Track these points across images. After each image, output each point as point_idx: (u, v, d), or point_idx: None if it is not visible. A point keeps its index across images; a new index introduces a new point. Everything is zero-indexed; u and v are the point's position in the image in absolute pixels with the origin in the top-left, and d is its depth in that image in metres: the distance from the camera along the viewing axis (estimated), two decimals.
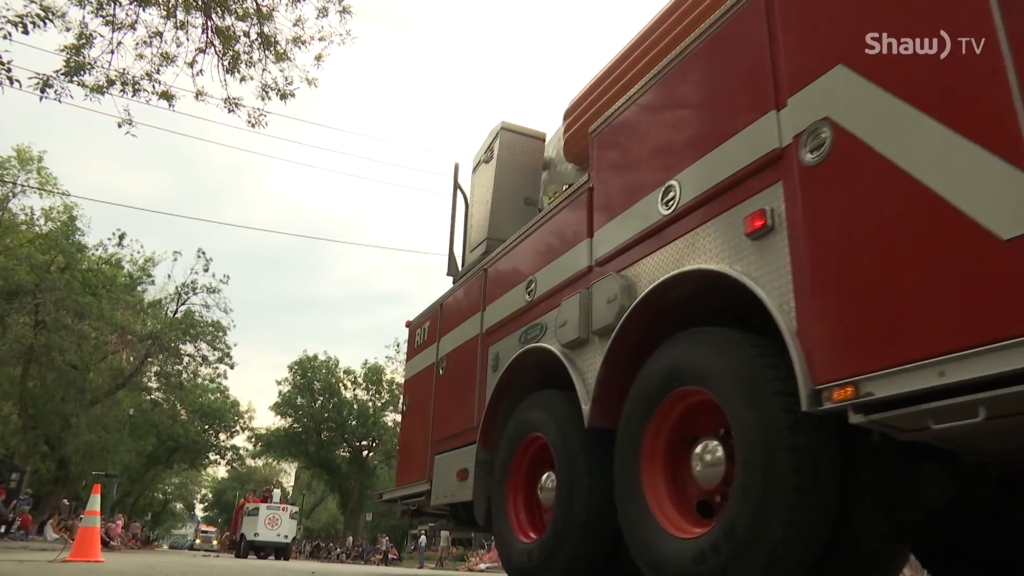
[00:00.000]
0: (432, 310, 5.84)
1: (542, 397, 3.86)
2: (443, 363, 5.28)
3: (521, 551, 3.75)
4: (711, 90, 2.88)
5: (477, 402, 4.50)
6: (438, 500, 4.81)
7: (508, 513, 3.97)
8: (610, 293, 3.22)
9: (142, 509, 57.23)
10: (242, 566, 10.78)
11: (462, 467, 4.49)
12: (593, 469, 3.29)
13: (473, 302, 4.95)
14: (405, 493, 5.55)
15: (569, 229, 3.81)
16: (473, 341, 4.79)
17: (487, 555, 27.66)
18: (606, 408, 3.20)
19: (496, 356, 4.40)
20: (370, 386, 46.33)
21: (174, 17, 8.35)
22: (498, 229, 5.23)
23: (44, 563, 6.77)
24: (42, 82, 7.77)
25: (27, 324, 21.69)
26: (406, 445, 6.01)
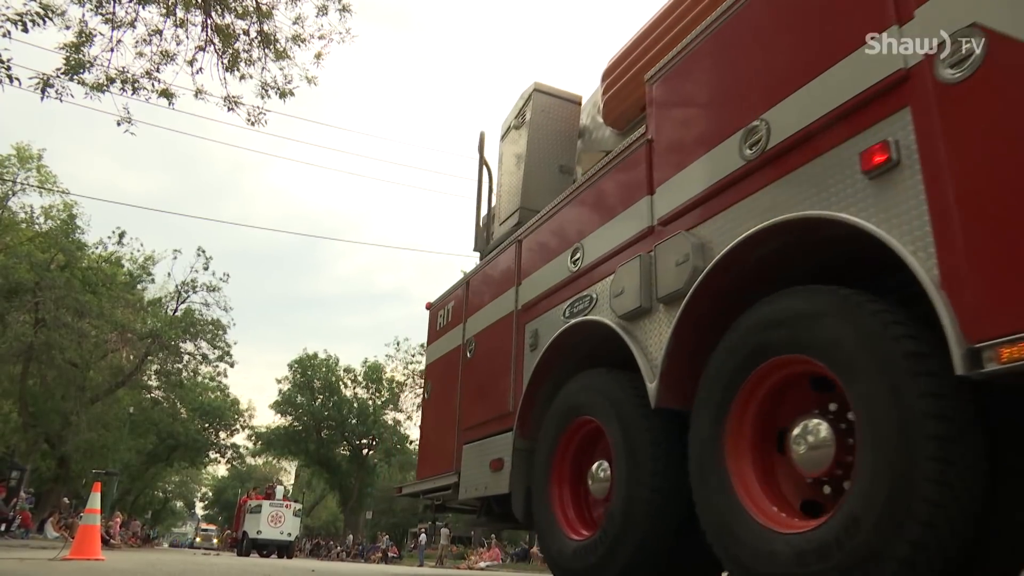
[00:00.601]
0: (456, 289, 5.43)
1: (592, 377, 3.46)
2: (471, 345, 4.88)
3: (572, 550, 3.36)
4: (808, 10, 2.49)
5: (513, 385, 4.12)
6: (468, 494, 4.44)
7: (553, 507, 3.58)
8: (679, 254, 2.85)
9: (142, 507, 57.28)
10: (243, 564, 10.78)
11: (496, 457, 4.11)
12: (658, 456, 2.94)
13: (506, 277, 4.53)
14: (429, 487, 5.16)
15: (623, 188, 3.42)
16: (507, 319, 4.38)
17: (487, 553, 27.67)
18: (676, 385, 2.85)
19: (535, 334, 4.00)
20: (370, 384, 46.34)
21: (174, 15, 8.33)
22: (532, 198, 4.84)
23: (44, 561, 6.75)
24: (43, 82, 7.77)
25: (27, 322, 21.65)
26: (429, 435, 5.61)
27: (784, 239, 2.46)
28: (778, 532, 2.23)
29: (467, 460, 4.53)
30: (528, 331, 4.11)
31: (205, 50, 8.53)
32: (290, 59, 8.79)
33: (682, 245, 2.86)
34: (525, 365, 4.04)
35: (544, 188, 4.86)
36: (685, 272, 2.80)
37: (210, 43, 8.50)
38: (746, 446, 2.49)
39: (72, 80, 7.96)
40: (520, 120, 5.19)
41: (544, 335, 3.90)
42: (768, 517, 2.33)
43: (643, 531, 2.94)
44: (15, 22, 7.20)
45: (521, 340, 4.18)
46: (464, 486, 4.50)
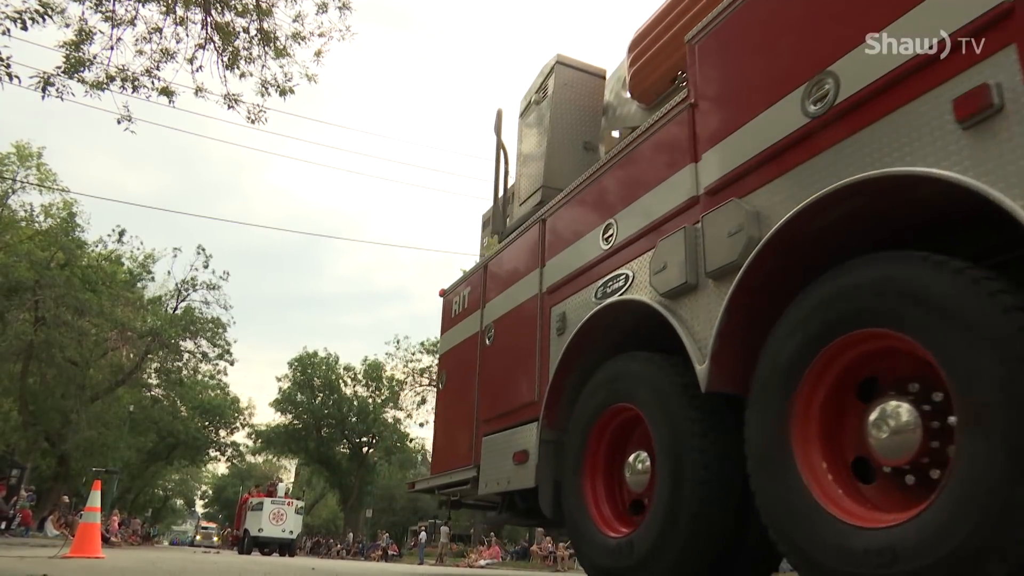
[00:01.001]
0: (473, 273, 5.19)
1: (629, 361, 3.22)
2: (490, 331, 4.63)
3: (609, 548, 3.09)
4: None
5: (538, 372, 3.88)
6: (489, 488, 4.19)
7: (585, 502, 3.33)
8: (732, 224, 2.61)
9: (142, 505, 57.34)
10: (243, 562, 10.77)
11: (520, 449, 3.87)
12: (706, 445, 2.71)
13: (529, 258, 4.28)
14: (445, 481, 4.89)
15: (663, 157, 3.18)
16: (531, 303, 4.14)
17: (487, 551, 27.69)
18: (728, 367, 2.61)
19: (562, 317, 3.76)
20: (370, 383, 46.35)
21: (174, 13, 8.29)
22: (555, 176, 4.59)
23: (44, 559, 6.74)
24: (43, 81, 7.75)
25: (27, 320, 21.65)
26: (444, 427, 5.32)
27: (858, 202, 2.21)
28: (858, 527, 2.01)
29: (487, 453, 4.28)
30: (554, 315, 3.85)
31: (205, 48, 8.51)
32: (290, 57, 8.78)
33: (734, 214, 2.61)
34: (551, 351, 3.79)
35: (568, 166, 4.59)
36: (739, 243, 2.56)
37: (210, 41, 8.48)
38: (815, 432, 2.25)
39: (72, 78, 7.95)
40: (542, 95, 4.93)
41: (573, 318, 3.64)
42: (844, 510, 2.10)
43: (690, 527, 2.69)
44: (14, 20, 7.18)
45: (547, 324, 3.92)
46: (484, 480, 4.25)
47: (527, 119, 5.16)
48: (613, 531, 3.19)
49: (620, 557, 2.99)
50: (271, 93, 8.83)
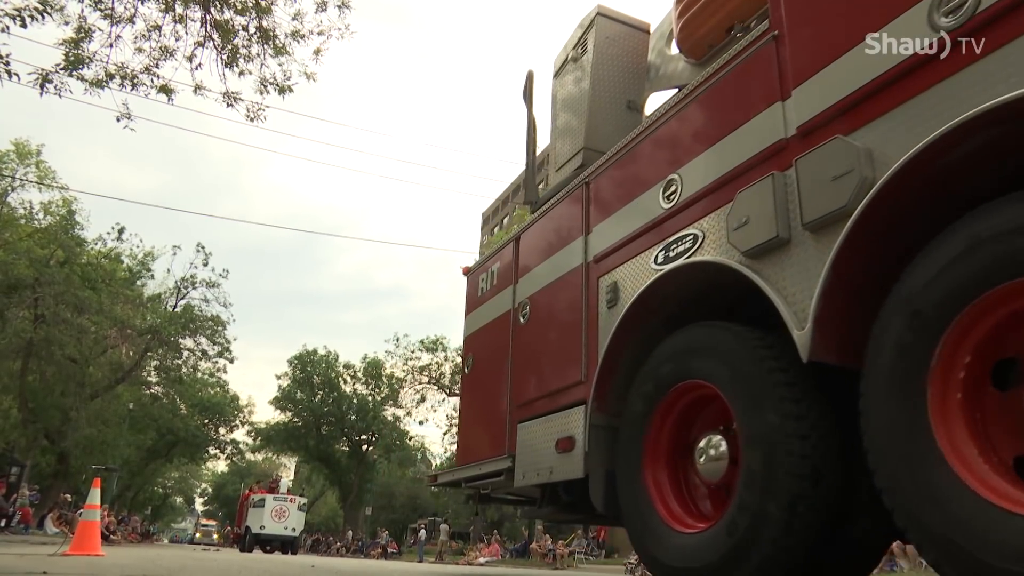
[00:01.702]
0: (503, 248, 4.82)
1: (703, 332, 2.84)
2: (524, 308, 4.25)
3: (681, 546, 2.73)
4: None
5: (585, 350, 3.52)
6: (527, 480, 3.82)
7: (648, 494, 2.95)
8: (837, 165, 2.26)
9: (142, 503, 57.39)
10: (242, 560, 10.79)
11: (564, 436, 3.51)
12: (805, 428, 2.35)
13: (570, 226, 3.91)
14: (473, 474, 4.49)
15: (740, 99, 2.80)
16: (574, 274, 3.77)
17: (487, 549, 27.72)
18: (836, 332, 2.28)
19: (613, 288, 3.38)
20: (369, 380, 46.37)
21: (173, 11, 8.32)
22: (597, 137, 4.23)
23: (44, 557, 6.75)
24: (42, 77, 7.76)
25: (26, 318, 21.64)
26: (472, 414, 4.96)
27: (993, 132, 1.89)
28: (1012, 512, 1.70)
29: (524, 441, 3.90)
30: (603, 286, 3.47)
31: (204, 46, 8.51)
32: (289, 55, 8.79)
33: (841, 154, 2.26)
34: (600, 326, 3.42)
35: (611, 126, 4.24)
36: (848, 186, 2.20)
37: (209, 39, 8.48)
38: (956, 404, 1.91)
39: (71, 76, 7.95)
40: (580, 50, 4.55)
41: (627, 288, 3.28)
42: (998, 493, 1.79)
43: (784, 521, 2.33)
44: (13, 17, 7.18)
45: (594, 297, 3.54)
46: (521, 471, 3.87)
47: (563, 79, 4.78)
48: (684, 527, 2.80)
49: (696, 556, 2.62)
50: (270, 91, 8.85)
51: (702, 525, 2.74)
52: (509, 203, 69.54)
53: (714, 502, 2.85)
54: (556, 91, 4.91)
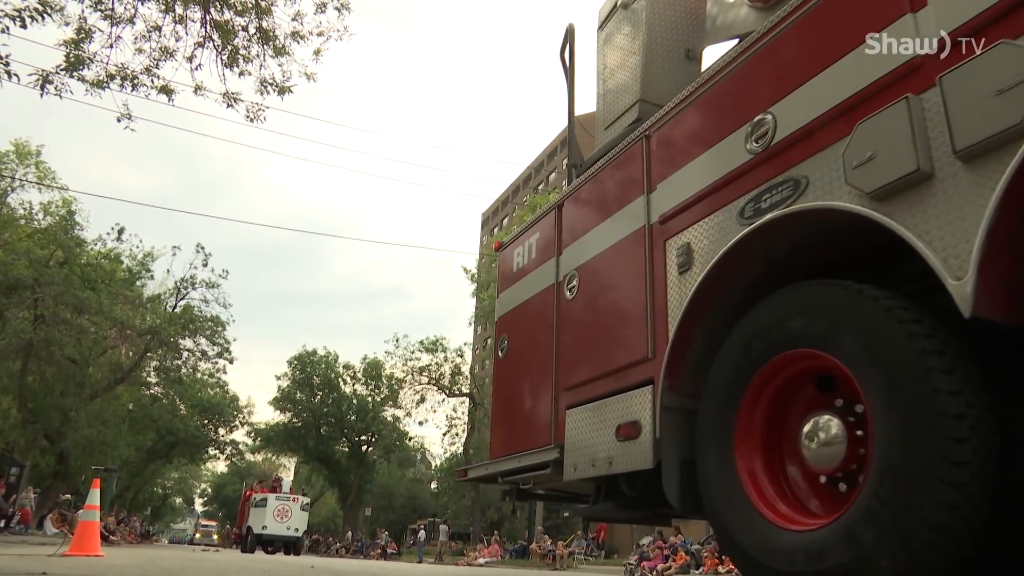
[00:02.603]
0: (543, 217, 4.40)
1: (812, 293, 2.40)
2: (572, 281, 3.85)
3: (791, 546, 2.29)
4: None
5: (650, 323, 3.13)
6: (580, 472, 3.41)
7: (742, 485, 2.54)
8: (1003, 77, 1.87)
9: (142, 503, 57.39)
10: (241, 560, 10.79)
11: (627, 420, 3.12)
12: (960, 405, 1.95)
13: (628, 185, 3.51)
14: (512, 467, 4.06)
15: (854, 17, 2.41)
16: (634, 239, 3.37)
17: (486, 550, 27.73)
18: (1005, 282, 1.91)
19: (685, 250, 2.99)
20: (369, 381, 46.37)
21: (173, 11, 8.32)
22: (654, 88, 3.89)
23: (43, 557, 6.76)
24: (42, 78, 7.76)
25: (26, 318, 21.63)
26: (507, 402, 4.49)
27: None
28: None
29: (575, 429, 3.51)
30: (672, 249, 3.09)
31: (204, 46, 8.52)
32: (289, 55, 8.80)
33: (1008, 62, 1.87)
34: (670, 294, 3.05)
35: (669, 77, 3.92)
36: (1021, 99, 1.82)
37: (209, 39, 8.49)
38: None
39: (72, 77, 7.96)
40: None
41: (703, 249, 2.90)
42: None
43: (933, 523, 1.92)
44: (13, 18, 7.19)
45: (660, 262, 3.16)
46: (572, 463, 3.47)
47: (611, 29, 4.40)
48: (792, 523, 2.38)
49: (812, 558, 2.20)
50: (270, 92, 8.85)
51: (815, 522, 2.32)
52: (509, 203, 69.57)
53: (825, 495, 2.41)
54: (602, 44, 4.49)
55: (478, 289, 35.29)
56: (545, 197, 33.62)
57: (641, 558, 18.13)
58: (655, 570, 16.35)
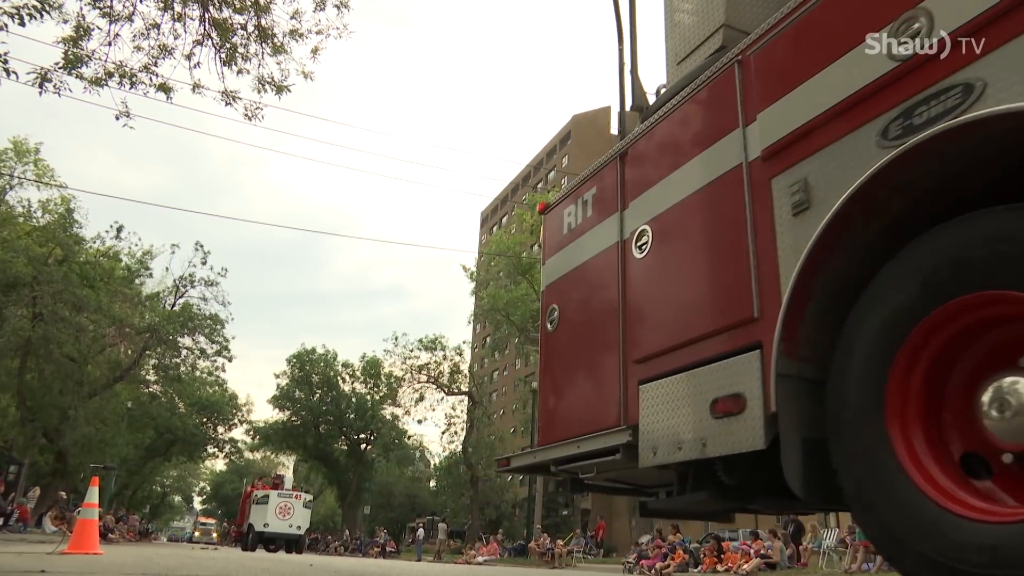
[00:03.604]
0: (600, 170, 3.91)
1: (999, 221, 1.91)
2: (642, 238, 3.37)
3: (983, 542, 1.82)
4: None
5: (755, 276, 2.66)
6: (662, 457, 2.90)
7: (901, 464, 2.08)
8: None
9: (140, 501, 57.42)
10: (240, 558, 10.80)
11: (727, 393, 2.64)
12: None
13: (716, 120, 3.03)
14: (570, 453, 3.54)
15: None
16: (729, 180, 2.87)
17: (485, 548, 27.75)
18: None
19: (802, 187, 2.52)
20: (368, 379, 46.40)
21: (171, 9, 8.31)
22: (739, 12, 3.44)
23: (42, 555, 6.76)
24: (40, 76, 7.75)
25: (25, 316, 21.63)
26: (559, 380, 3.99)
27: None
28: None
29: (653, 406, 3.04)
30: (782, 186, 2.61)
31: (203, 44, 8.50)
32: (287, 54, 8.78)
33: None
34: (782, 241, 2.57)
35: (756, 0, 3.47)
36: None
37: (208, 37, 8.47)
38: None
39: (71, 74, 7.95)
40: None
41: (826, 184, 2.42)
42: None
43: None
44: (12, 16, 7.18)
45: (766, 204, 2.69)
46: (650, 446, 2.97)
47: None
48: (975, 512, 1.92)
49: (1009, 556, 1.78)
50: (268, 91, 8.84)
51: (1011, 511, 1.86)
52: (508, 202, 69.53)
53: (1014, 476, 1.95)
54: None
55: (477, 288, 35.31)
56: (544, 196, 33.63)
57: (640, 556, 18.15)
58: (654, 568, 16.37)
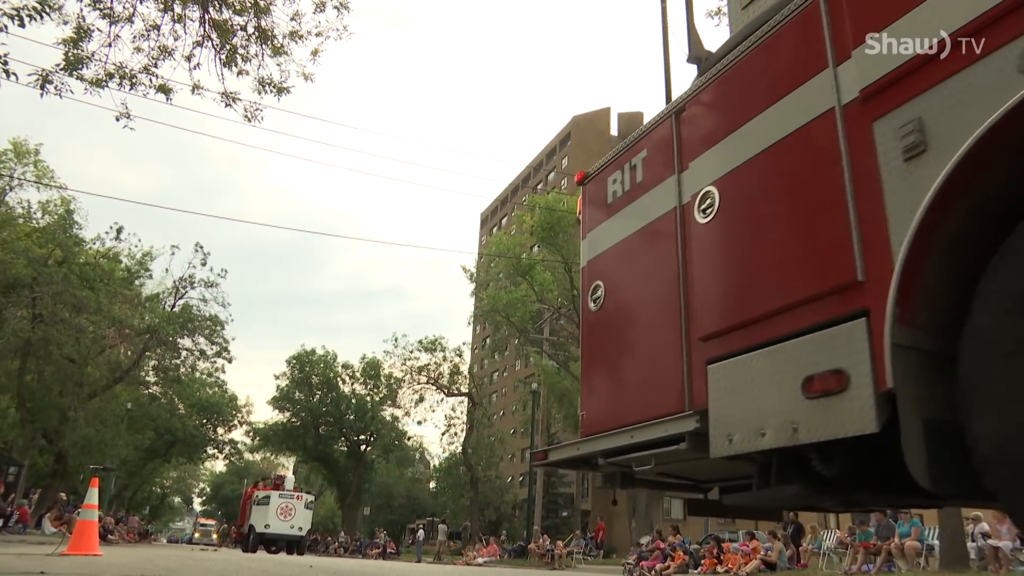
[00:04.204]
0: (651, 130, 3.57)
1: None
2: (707, 200, 3.01)
3: None
4: None
5: (857, 233, 2.34)
6: (741, 445, 2.55)
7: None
8: None
9: (140, 503, 57.40)
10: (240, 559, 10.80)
11: (825, 369, 2.27)
12: None
13: (797, 62, 2.72)
14: (622, 444, 3.18)
15: None
16: (818, 127, 2.53)
17: (485, 549, 27.74)
18: None
19: (916, 127, 2.19)
20: (368, 380, 46.40)
21: (171, 10, 8.32)
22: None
23: (42, 556, 6.77)
24: (41, 78, 7.76)
25: (24, 318, 21.61)
26: (607, 363, 3.63)
27: None
28: None
29: (726, 388, 2.70)
30: (889, 129, 2.29)
31: (203, 45, 8.51)
32: (287, 55, 8.79)
33: None
34: (888, 191, 2.26)
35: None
36: None
37: (207, 38, 8.48)
38: None
39: (71, 76, 7.95)
40: None
41: (948, 122, 2.12)
42: None
43: None
44: (12, 17, 7.17)
45: (867, 150, 2.38)
46: (724, 433, 2.62)
47: None
48: None
49: None
50: (268, 92, 8.84)
51: None
52: (508, 203, 69.53)
53: None
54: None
55: (477, 289, 35.32)
56: (544, 197, 33.64)
57: (640, 557, 18.13)
58: (654, 570, 16.36)
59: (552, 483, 42.06)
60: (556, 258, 28.59)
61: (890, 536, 12.51)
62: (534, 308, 31.57)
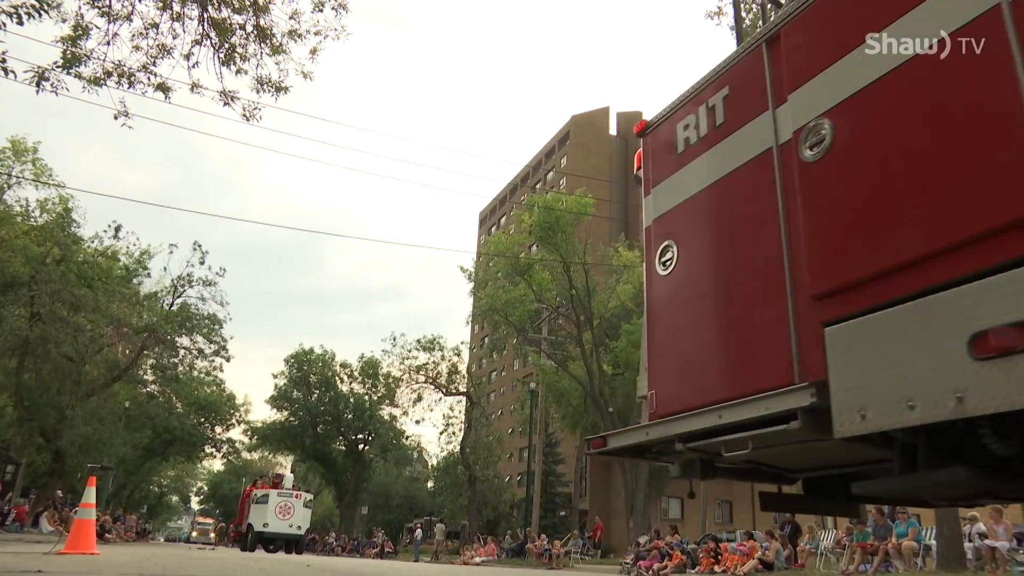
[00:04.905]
0: (735, 63, 3.08)
1: None
2: (817, 134, 2.51)
3: None
4: None
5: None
6: (878, 421, 2.04)
7: None
8: None
9: (138, 501, 57.37)
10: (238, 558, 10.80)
11: (1002, 323, 1.78)
12: None
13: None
14: (710, 425, 2.65)
15: None
16: (975, 30, 1.99)
17: (482, 549, 27.74)
18: None
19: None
20: (366, 380, 46.37)
21: (170, 9, 8.31)
22: None
23: (39, 555, 6.77)
24: (38, 75, 7.74)
25: (22, 316, 21.62)
26: (683, 334, 3.10)
27: None
28: None
29: (851, 354, 2.21)
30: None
31: (201, 44, 8.50)
32: (286, 54, 8.78)
33: None
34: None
35: None
36: None
37: (206, 37, 8.47)
38: None
39: (68, 74, 7.93)
40: None
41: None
42: None
43: None
44: (10, 14, 7.16)
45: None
46: (853, 408, 2.13)
47: None
48: None
49: None
50: (266, 90, 8.83)
51: None
52: (507, 203, 69.51)
53: None
54: None
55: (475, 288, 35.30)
56: (543, 196, 33.61)
57: (637, 557, 18.14)
58: (651, 569, 16.37)
59: (550, 482, 42.08)
60: (555, 257, 28.57)
61: (887, 536, 12.52)
62: (532, 307, 31.53)
